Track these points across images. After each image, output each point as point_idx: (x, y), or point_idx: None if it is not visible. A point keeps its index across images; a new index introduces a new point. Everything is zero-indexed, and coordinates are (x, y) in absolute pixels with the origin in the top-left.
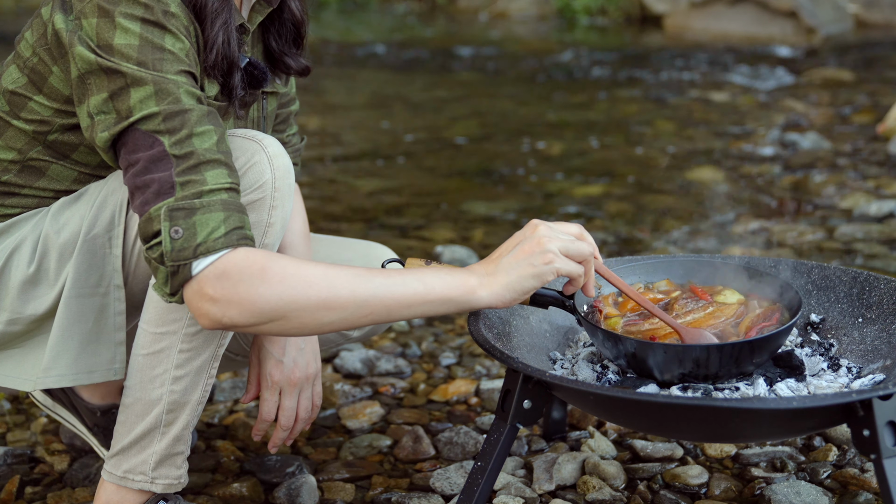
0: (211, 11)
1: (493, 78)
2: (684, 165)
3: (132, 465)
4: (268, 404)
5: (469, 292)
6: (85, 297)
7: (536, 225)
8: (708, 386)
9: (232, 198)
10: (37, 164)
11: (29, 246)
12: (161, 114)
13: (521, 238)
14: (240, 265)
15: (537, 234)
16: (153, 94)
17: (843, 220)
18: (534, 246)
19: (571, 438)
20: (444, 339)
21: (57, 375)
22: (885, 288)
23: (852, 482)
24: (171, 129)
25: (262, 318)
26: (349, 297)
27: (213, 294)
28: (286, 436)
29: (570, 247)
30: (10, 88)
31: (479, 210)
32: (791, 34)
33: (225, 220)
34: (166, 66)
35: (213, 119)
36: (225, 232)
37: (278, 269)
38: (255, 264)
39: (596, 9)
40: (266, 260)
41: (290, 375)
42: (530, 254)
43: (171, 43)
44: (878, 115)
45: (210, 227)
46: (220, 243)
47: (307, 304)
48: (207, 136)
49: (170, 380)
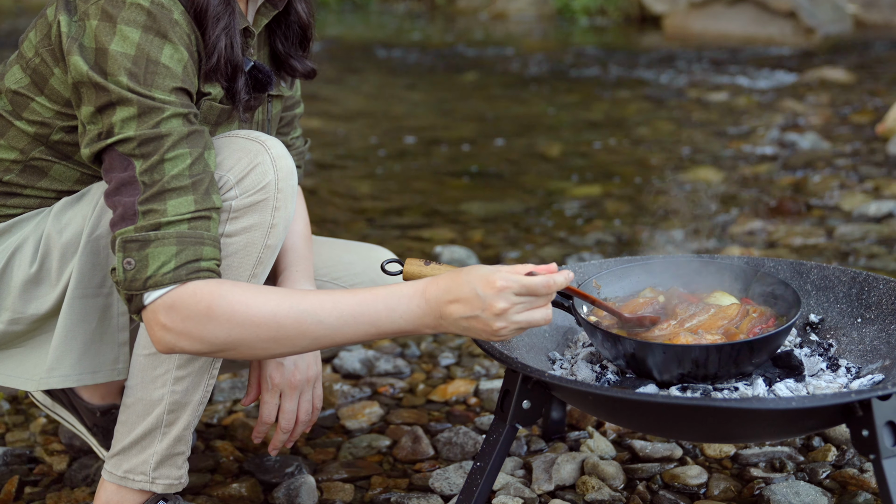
0: (212, 16)
1: (493, 78)
2: (683, 165)
3: (133, 465)
4: (268, 407)
5: (417, 332)
6: (89, 298)
7: (495, 301)
8: (707, 386)
9: (193, 228)
10: (39, 164)
11: (31, 246)
12: (136, 139)
13: (478, 306)
14: (187, 302)
15: (493, 317)
16: (136, 116)
17: (842, 221)
18: (485, 328)
19: (570, 439)
20: (444, 340)
21: (61, 376)
22: (884, 288)
23: (851, 482)
24: (144, 154)
25: (214, 349)
26: (297, 335)
27: (165, 323)
28: (286, 438)
29: (524, 326)
30: (13, 88)
31: (478, 210)
32: (790, 34)
33: (177, 253)
34: (158, 80)
35: (192, 140)
36: (174, 266)
37: (225, 307)
38: (201, 303)
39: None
40: (212, 298)
41: (290, 378)
42: (481, 331)
43: (169, 55)
44: (877, 116)
45: (160, 261)
46: (167, 278)
47: (255, 340)
48: (180, 160)
49: (171, 380)
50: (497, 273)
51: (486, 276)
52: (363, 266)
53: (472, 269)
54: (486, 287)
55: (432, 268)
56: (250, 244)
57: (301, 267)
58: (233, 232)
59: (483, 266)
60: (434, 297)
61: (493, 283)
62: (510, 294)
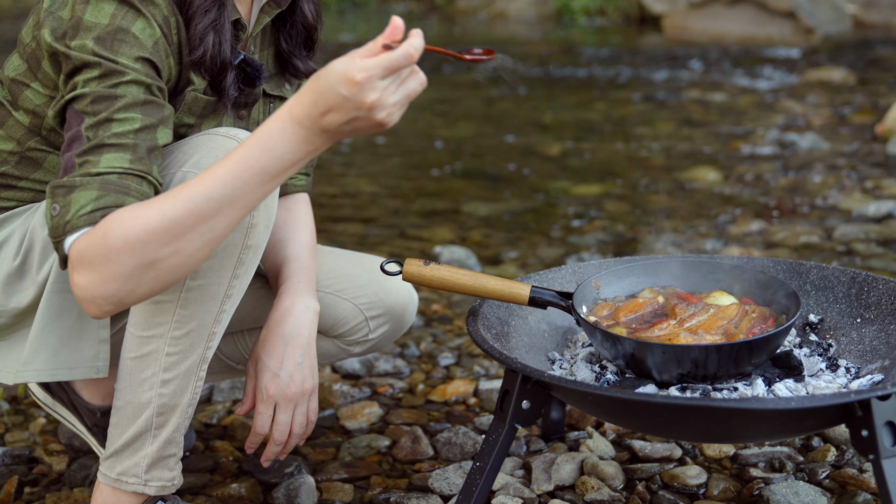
0: (198, 8)
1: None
2: (683, 166)
3: (125, 468)
4: (262, 418)
5: (312, 156)
6: (67, 293)
7: (364, 96)
8: (706, 386)
9: (122, 179)
10: (34, 154)
11: (17, 239)
12: (90, 95)
13: (351, 108)
14: (89, 241)
15: (370, 111)
16: (97, 77)
17: (841, 221)
18: (370, 123)
19: (570, 439)
20: (443, 340)
21: (35, 370)
22: (884, 288)
23: (851, 482)
24: (95, 112)
25: (132, 284)
26: (197, 222)
27: (79, 271)
28: (279, 450)
29: (405, 101)
30: (11, 76)
31: (478, 210)
32: (790, 34)
33: (97, 198)
34: (124, 48)
35: (147, 109)
36: (91, 210)
37: (118, 228)
38: (98, 236)
39: (594, 9)
40: (106, 226)
41: (285, 390)
42: (368, 128)
43: (141, 28)
44: (877, 116)
45: (80, 204)
46: (82, 221)
47: (163, 250)
48: (128, 123)
49: (158, 383)
50: (353, 66)
51: (345, 74)
52: (367, 278)
53: (328, 70)
54: (350, 86)
55: (432, 268)
56: (230, 245)
57: (303, 277)
58: None
59: (337, 61)
60: (305, 117)
61: (354, 78)
62: (375, 82)
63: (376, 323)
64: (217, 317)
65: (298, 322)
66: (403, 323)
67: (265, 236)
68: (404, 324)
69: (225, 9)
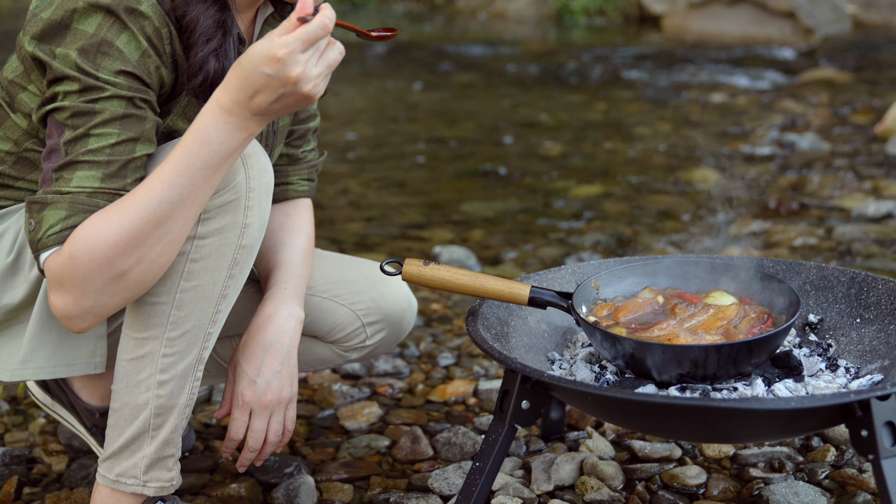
0: (202, 34)
1: (492, 78)
2: (682, 166)
3: (124, 469)
4: (236, 423)
5: (249, 140)
6: None
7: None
8: (706, 386)
9: (92, 197)
10: (31, 155)
11: (10, 236)
12: (70, 109)
13: (278, 85)
14: (57, 261)
15: (296, 85)
16: (77, 91)
17: (841, 221)
18: (297, 97)
19: (570, 439)
20: (443, 340)
21: (34, 367)
22: (883, 288)
23: (850, 482)
24: (74, 126)
25: (106, 297)
26: (155, 226)
27: (52, 289)
28: (254, 457)
29: (327, 71)
30: (9, 77)
31: (477, 210)
32: (789, 35)
33: (65, 217)
34: (107, 62)
35: (125, 123)
36: (59, 229)
37: (81, 247)
38: (64, 255)
39: (594, 9)
40: (70, 245)
41: (261, 397)
42: (296, 103)
43: (125, 41)
44: (877, 116)
45: (49, 223)
46: (51, 240)
47: (130, 260)
48: (105, 138)
49: (155, 384)
50: (273, 44)
51: (266, 54)
52: (365, 284)
53: (248, 54)
54: (272, 64)
55: (431, 268)
56: (224, 245)
57: (290, 284)
58: (205, 234)
59: (256, 44)
60: (234, 104)
61: (275, 56)
62: (297, 55)
63: (373, 329)
64: (213, 317)
65: (280, 329)
66: (401, 330)
67: (259, 235)
68: (402, 331)
69: (230, 35)
